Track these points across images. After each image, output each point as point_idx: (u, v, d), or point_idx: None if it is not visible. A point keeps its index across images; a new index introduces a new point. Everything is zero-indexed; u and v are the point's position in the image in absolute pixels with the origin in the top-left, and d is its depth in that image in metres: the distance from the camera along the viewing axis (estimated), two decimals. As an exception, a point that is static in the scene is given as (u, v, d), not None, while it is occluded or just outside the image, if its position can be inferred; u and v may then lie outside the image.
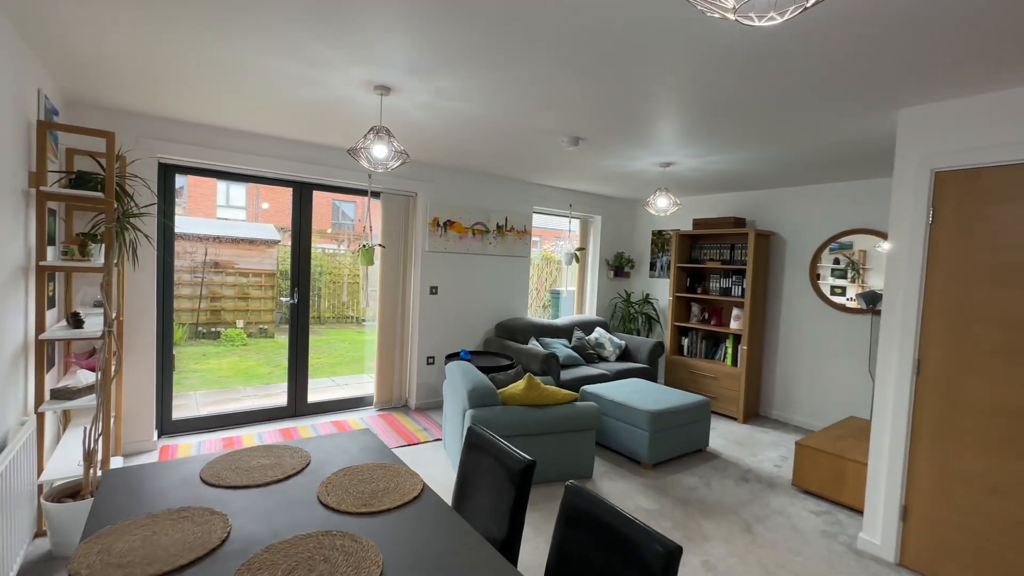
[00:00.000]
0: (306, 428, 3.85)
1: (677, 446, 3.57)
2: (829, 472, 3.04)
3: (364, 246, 4.06)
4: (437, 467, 3.29)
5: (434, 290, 4.53)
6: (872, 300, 4.05)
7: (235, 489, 1.38)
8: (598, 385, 3.96)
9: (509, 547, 1.40)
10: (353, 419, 4.12)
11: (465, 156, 4.01)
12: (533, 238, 5.25)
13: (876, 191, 4.10)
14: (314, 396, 4.50)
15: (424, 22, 1.79)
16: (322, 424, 3.96)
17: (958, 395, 2.25)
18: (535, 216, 5.54)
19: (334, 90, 2.57)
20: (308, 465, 1.55)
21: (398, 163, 2.53)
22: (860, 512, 2.95)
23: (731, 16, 0.87)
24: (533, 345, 4.64)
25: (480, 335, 4.89)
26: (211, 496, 1.34)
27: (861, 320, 4.18)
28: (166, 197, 3.46)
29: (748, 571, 2.32)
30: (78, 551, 1.06)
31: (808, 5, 0.81)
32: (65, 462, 2.43)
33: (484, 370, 3.85)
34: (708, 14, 0.91)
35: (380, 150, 2.47)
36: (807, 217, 4.54)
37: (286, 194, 11.84)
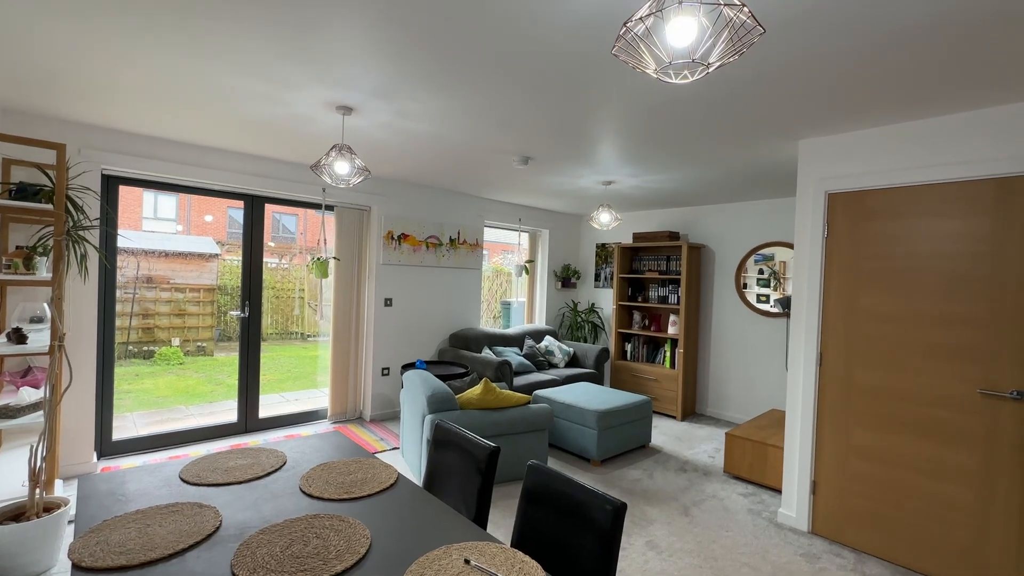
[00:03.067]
0: (258, 443, 3.80)
1: (623, 443, 3.85)
2: (754, 458, 3.41)
3: (318, 259, 4.09)
4: (396, 473, 3.36)
5: (388, 302, 4.61)
6: (787, 305, 4.56)
7: (218, 486, 1.46)
8: (549, 389, 4.19)
9: (479, 525, 1.56)
10: (307, 432, 4.10)
11: (419, 171, 4.17)
12: (485, 251, 5.45)
13: (788, 209, 4.64)
14: (265, 411, 4.43)
15: (388, 47, 1.96)
16: (276, 439, 3.92)
17: (850, 382, 2.65)
18: (487, 230, 5.75)
19: (296, 109, 2.67)
20: (285, 464, 1.65)
21: (359, 179, 2.66)
22: (780, 491, 3.32)
23: (652, 74, 1.12)
24: (487, 354, 4.81)
25: (435, 345, 5.00)
26: (195, 493, 1.41)
27: (779, 323, 4.69)
28: (110, 210, 3.37)
29: (685, 547, 2.59)
30: (75, 544, 1.12)
31: (710, 70, 1.07)
32: (3, 484, 2.33)
33: (440, 379, 3.98)
34: (635, 69, 1.15)
35: (342, 167, 2.59)
36: (732, 231, 5.04)
37: (224, 207, 11.40)
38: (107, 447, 3.44)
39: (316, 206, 4.25)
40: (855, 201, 2.66)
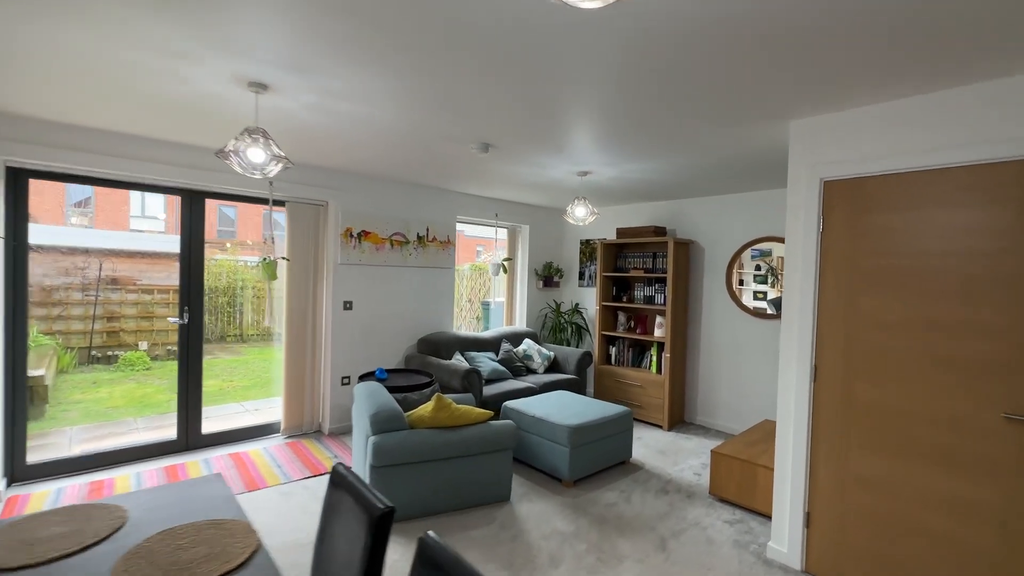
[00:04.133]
0: (197, 464, 3.44)
1: (599, 460, 3.49)
2: (742, 479, 3.05)
3: (266, 260, 3.73)
4: (341, 500, 3.00)
5: (348, 305, 4.24)
6: (780, 306, 4.19)
7: (7, 572, 1.10)
8: (520, 400, 3.82)
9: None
10: (255, 449, 3.74)
11: (378, 163, 3.79)
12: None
13: (783, 200, 4.26)
14: (216, 425, 4.08)
15: (293, 12, 1.59)
16: (217, 458, 3.56)
17: (850, 398, 2.28)
18: (469, 227, 5.38)
19: (204, 86, 2.29)
20: (121, 528, 1.29)
21: (278, 168, 2.29)
22: (771, 518, 2.96)
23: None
24: (457, 360, 4.45)
25: (401, 351, 4.64)
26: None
27: (773, 325, 4.32)
28: (16, 206, 3.00)
29: (659, 593, 2.23)
30: None
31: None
32: None
33: (400, 389, 3.62)
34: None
35: (256, 153, 2.22)
36: (722, 225, 4.66)
37: (215, 205, 11.02)
38: (20, 471, 3.09)
39: (263, 201, 3.88)
40: (854, 189, 2.28)
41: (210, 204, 3.77)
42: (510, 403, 3.76)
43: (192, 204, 3.64)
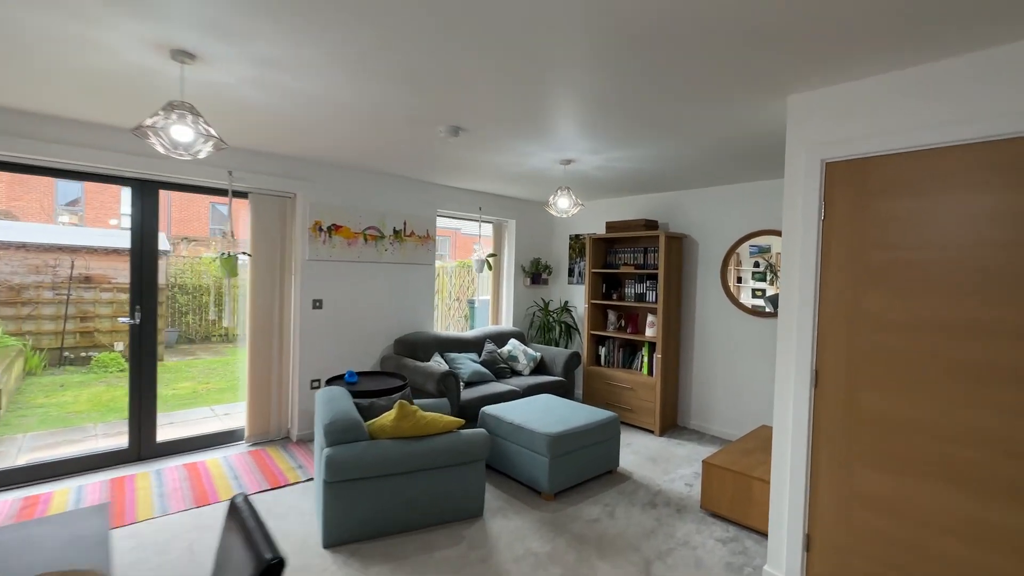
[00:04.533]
0: (147, 476, 3.18)
1: (583, 469, 3.23)
2: (736, 492, 2.79)
3: (225, 255, 3.47)
4: (296, 517, 2.75)
5: (318, 304, 3.98)
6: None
7: None
8: (500, 406, 3.57)
9: None
10: (215, 459, 3.48)
11: (345, 151, 3.53)
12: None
13: (781, 192, 3.99)
14: (178, 431, 3.85)
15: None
16: (170, 469, 3.30)
17: (854, 407, 2.02)
18: (448, 221, 5.12)
19: (123, 57, 2.03)
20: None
21: (209, 148, 2.02)
22: (767, 536, 2.71)
23: None
24: (435, 362, 4.19)
25: (377, 352, 4.38)
26: None
27: (771, 324, 4.06)
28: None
29: (639, 628, 1.97)
30: None
31: None
32: None
33: (370, 394, 3.37)
34: None
35: (182, 131, 1.95)
36: (717, 218, 4.40)
37: (196, 200, 10.69)
38: (-52, 486, 2.83)
39: (222, 192, 3.61)
40: (859, 172, 2.02)
41: (201, 200, 3.52)
42: (489, 408, 3.51)
43: (143, 195, 3.38)
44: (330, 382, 3.56)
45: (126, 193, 3.36)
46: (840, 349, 2.07)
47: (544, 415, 3.34)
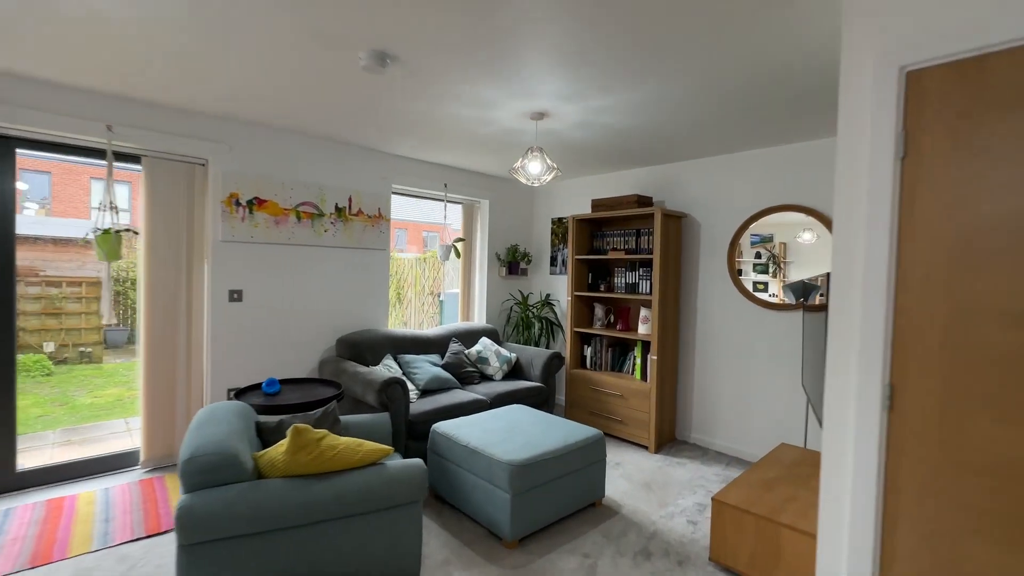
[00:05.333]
0: (-13, 518, 2.43)
1: (558, 505, 2.52)
2: (759, 543, 2.09)
3: (103, 231, 2.73)
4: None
5: (236, 295, 3.24)
6: (803, 293, 3.23)
7: None
8: (457, 421, 2.85)
9: None
10: (89, 493, 2.74)
11: (266, 105, 2.79)
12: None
13: (807, 157, 3.30)
14: (63, 454, 3.12)
15: None
16: (24, 508, 2.55)
17: (958, 446, 1.32)
18: (407, 200, 4.39)
19: None
20: None
21: None
22: (803, 603, 2.01)
23: None
24: (384, 366, 3.47)
25: (316, 355, 3.64)
26: None
27: (790, 318, 3.36)
28: None
29: None
30: None
31: None
32: None
33: (293, 409, 2.64)
34: None
35: None
36: (724, 193, 3.69)
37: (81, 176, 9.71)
38: None
39: (99, 154, 2.85)
40: (966, 81, 1.31)
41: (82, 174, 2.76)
42: (441, 426, 2.79)
43: (-8, 154, 2.62)
44: (240, 394, 2.82)
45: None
46: (931, 355, 1.36)
47: (510, 434, 2.63)
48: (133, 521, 2.45)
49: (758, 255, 3.56)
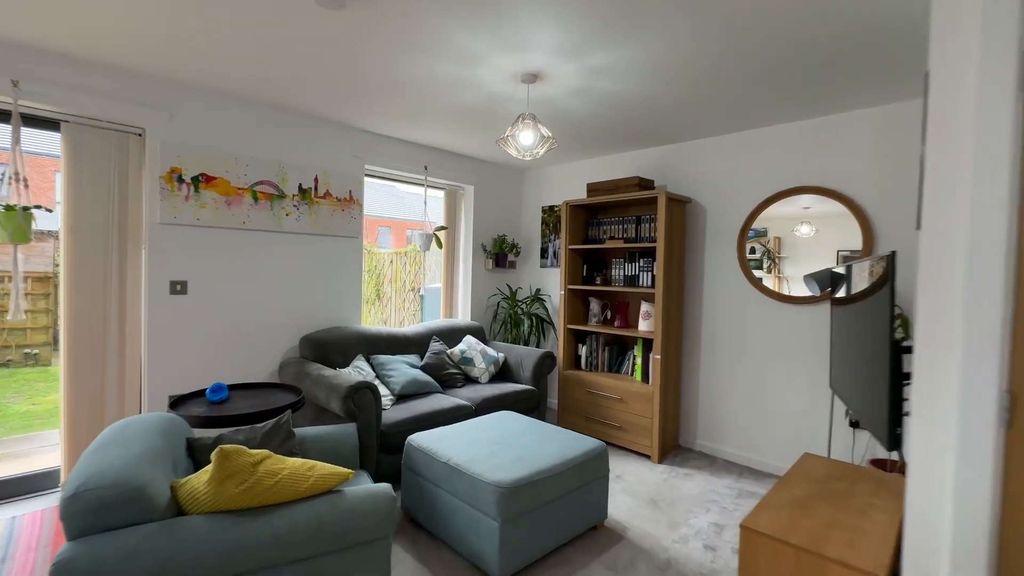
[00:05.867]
0: None
1: (557, 532, 2.14)
2: (799, 581, 1.73)
3: (5, 207, 2.27)
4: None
5: (180, 287, 2.79)
6: (828, 283, 2.90)
7: None
8: (439, 431, 2.46)
9: None
10: (-7, 522, 2.28)
11: (209, 65, 2.35)
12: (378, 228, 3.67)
13: (839, 132, 2.96)
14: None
15: None
16: (-98, 545, 2.08)
17: (1116, 476, 0.96)
18: (379, 183, 3.96)
19: None
20: None
21: None
22: (855, 655, 1.65)
23: None
24: (354, 368, 3.05)
25: (277, 356, 3.21)
26: None
27: (813, 312, 3.02)
28: None
29: None
30: None
31: None
32: None
33: (241, 420, 2.21)
34: None
35: None
36: (735, 174, 3.34)
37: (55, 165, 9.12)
38: None
39: (3, 117, 2.38)
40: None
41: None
42: (418, 438, 2.38)
43: None
44: (176, 404, 2.38)
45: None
46: (1073, 351, 1.00)
47: (498, 448, 2.23)
48: (36, 562, 2.00)
49: (752, 250, 3.25)
